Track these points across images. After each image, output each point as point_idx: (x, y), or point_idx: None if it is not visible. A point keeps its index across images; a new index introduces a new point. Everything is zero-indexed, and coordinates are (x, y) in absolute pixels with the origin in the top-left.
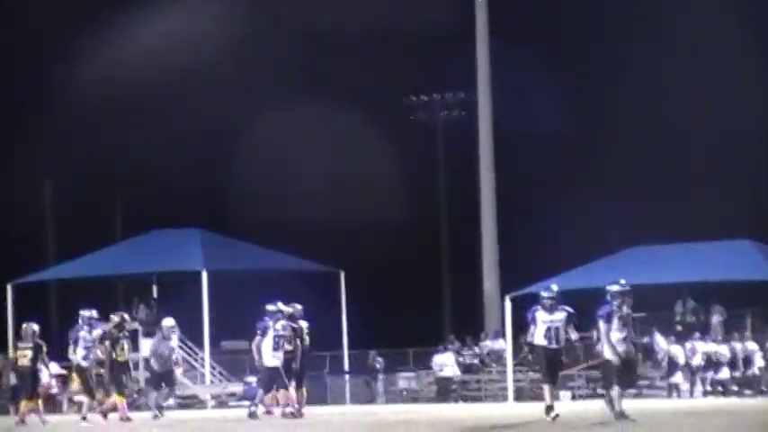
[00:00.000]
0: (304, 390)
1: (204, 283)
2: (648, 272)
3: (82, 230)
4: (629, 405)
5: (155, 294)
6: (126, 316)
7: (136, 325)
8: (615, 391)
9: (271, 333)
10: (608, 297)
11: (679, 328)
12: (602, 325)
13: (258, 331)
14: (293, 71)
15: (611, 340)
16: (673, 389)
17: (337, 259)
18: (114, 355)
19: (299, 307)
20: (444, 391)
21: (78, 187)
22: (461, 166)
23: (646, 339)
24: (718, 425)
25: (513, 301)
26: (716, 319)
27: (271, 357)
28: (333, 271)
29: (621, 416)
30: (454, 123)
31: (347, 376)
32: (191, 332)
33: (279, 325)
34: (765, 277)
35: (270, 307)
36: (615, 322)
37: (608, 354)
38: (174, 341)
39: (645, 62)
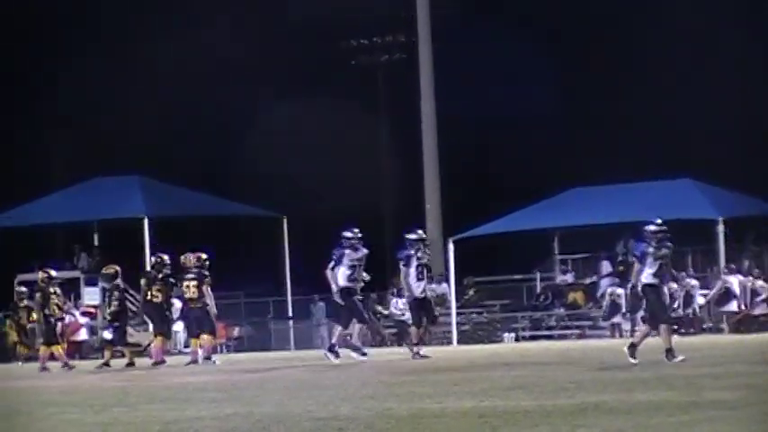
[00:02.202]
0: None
1: (146, 229)
2: (589, 213)
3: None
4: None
5: (96, 242)
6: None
7: (77, 273)
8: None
9: (414, 262)
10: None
11: (621, 268)
12: (636, 264)
13: (401, 261)
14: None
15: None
16: (615, 329)
17: (280, 207)
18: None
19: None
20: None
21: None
22: (404, 111)
23: (589, 280)
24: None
25: (455, 244)
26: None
27: (416, 287)
28: (276, 216)
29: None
30: (395, 66)
31: (290, 322)
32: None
33: (420, 253)
34: (706, 215)
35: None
36: (649, 261)
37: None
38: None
39: None
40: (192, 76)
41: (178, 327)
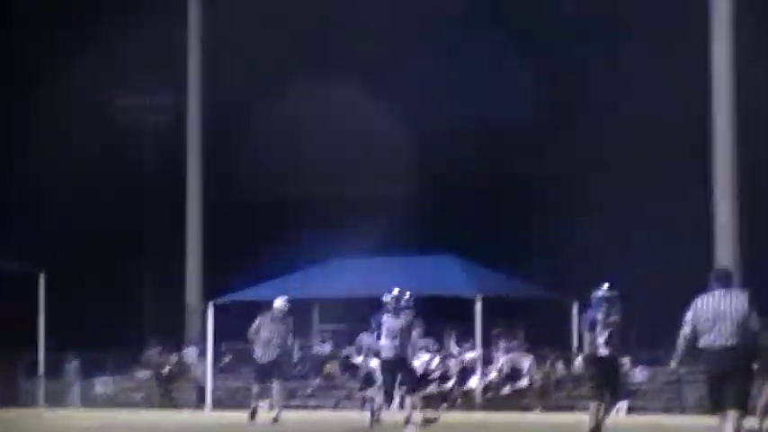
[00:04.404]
0: None
1: None
2: (349, 283)
3: None
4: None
5: None
6: None
7: None
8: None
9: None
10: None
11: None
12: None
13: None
14: None
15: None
16: (366, 401)
17: (36, 260)
18: None
19: None
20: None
21: None
22: (171, 171)
23: (345, 352)
24: None
25: (216, 308)
26: (415, 333)
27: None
28: (31, 272)
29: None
30: (166, 126)
31: (41, 379)
32: None
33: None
34: (464, 292)
35: None
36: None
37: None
38: None
39: None
40: None
41: None
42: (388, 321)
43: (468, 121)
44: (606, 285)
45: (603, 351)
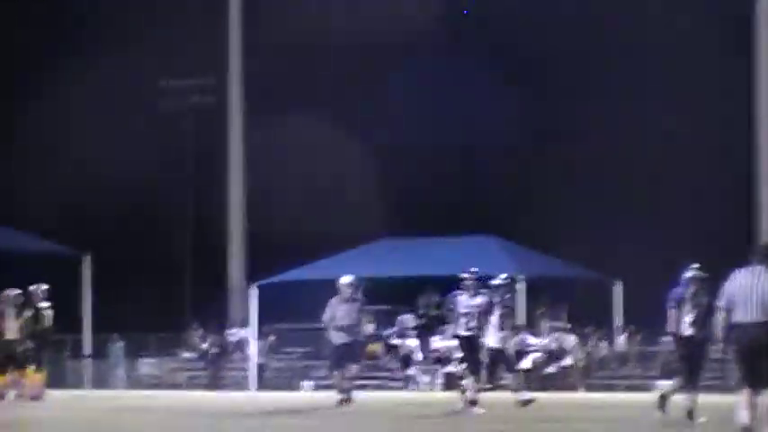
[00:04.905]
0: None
1: None
2: (394, 264)
3: None
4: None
5: None
6: None
7: None
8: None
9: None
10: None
11: (422, 321)
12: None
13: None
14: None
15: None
16: (409, 381)
17: (81, 243)
18: None
19: (44, 287)
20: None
21: None
22: (211, 155)
23: (388, 332)
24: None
25: (260, 289)
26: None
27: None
28: (76, 253)
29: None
30: (205, 110)
31: (88, 360)
32: None
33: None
34: (506, 272)
35: None
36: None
37: None
38: None
39: None
40: None
41: None
42: (464, 301)
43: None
44: (696, 265)
45: (689, 331)
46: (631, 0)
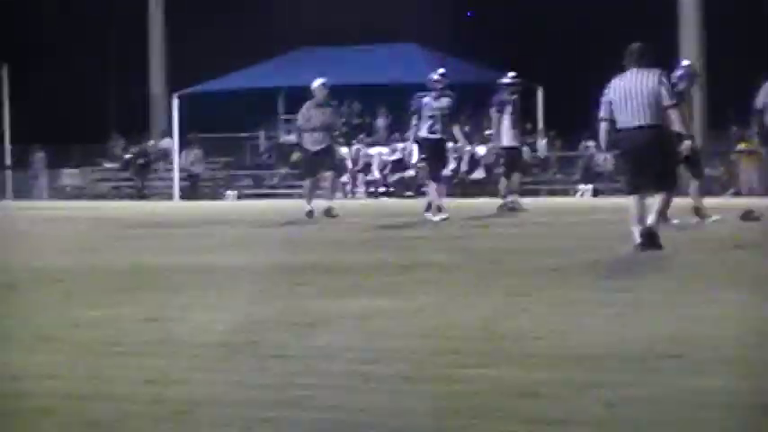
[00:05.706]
0: None
1: None
2: (312, 73)
3: None
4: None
5: None
6: None
7: None
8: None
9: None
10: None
11: (344, 129)
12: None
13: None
14: None
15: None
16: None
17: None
18: None
19: None
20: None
21: None
22: None
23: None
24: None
25: (180, 99)
26: (381, 121)
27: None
28: None
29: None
30: None
31: (9, 171)
32: None
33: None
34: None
35: None
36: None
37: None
38: None
39: None
40: None
41: None
42: (429, 102)
43: None
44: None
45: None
46: None
